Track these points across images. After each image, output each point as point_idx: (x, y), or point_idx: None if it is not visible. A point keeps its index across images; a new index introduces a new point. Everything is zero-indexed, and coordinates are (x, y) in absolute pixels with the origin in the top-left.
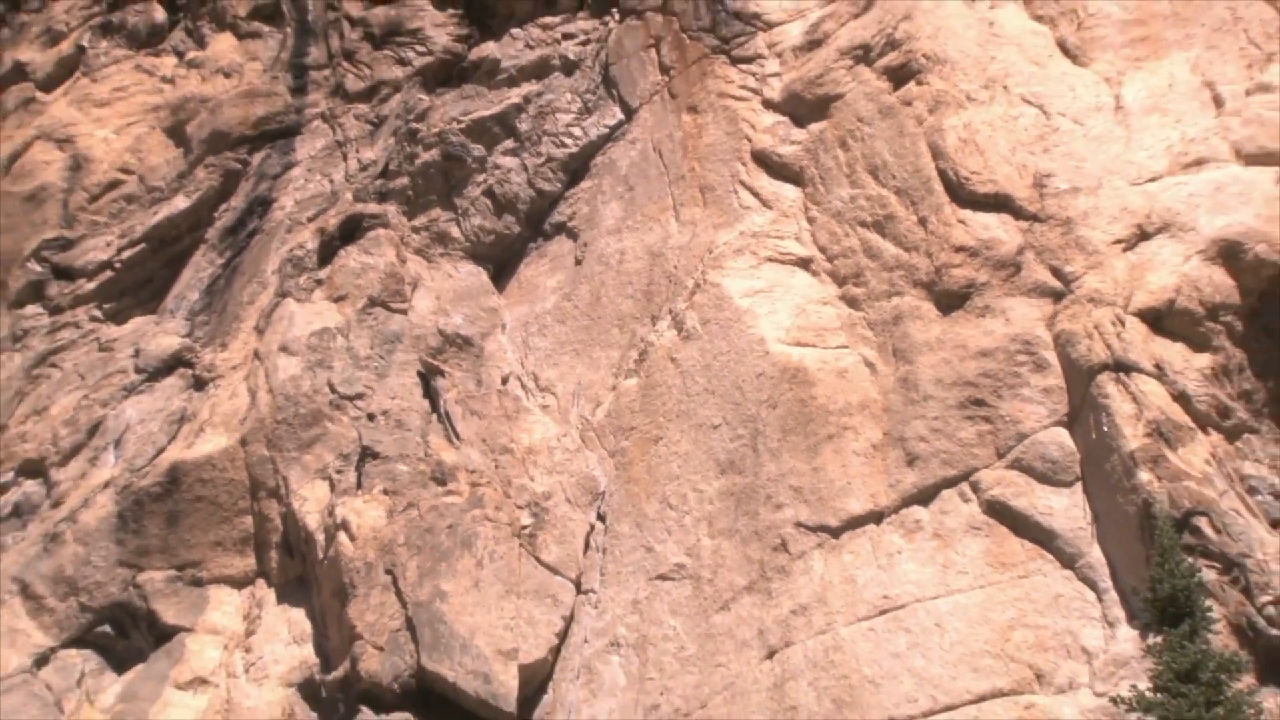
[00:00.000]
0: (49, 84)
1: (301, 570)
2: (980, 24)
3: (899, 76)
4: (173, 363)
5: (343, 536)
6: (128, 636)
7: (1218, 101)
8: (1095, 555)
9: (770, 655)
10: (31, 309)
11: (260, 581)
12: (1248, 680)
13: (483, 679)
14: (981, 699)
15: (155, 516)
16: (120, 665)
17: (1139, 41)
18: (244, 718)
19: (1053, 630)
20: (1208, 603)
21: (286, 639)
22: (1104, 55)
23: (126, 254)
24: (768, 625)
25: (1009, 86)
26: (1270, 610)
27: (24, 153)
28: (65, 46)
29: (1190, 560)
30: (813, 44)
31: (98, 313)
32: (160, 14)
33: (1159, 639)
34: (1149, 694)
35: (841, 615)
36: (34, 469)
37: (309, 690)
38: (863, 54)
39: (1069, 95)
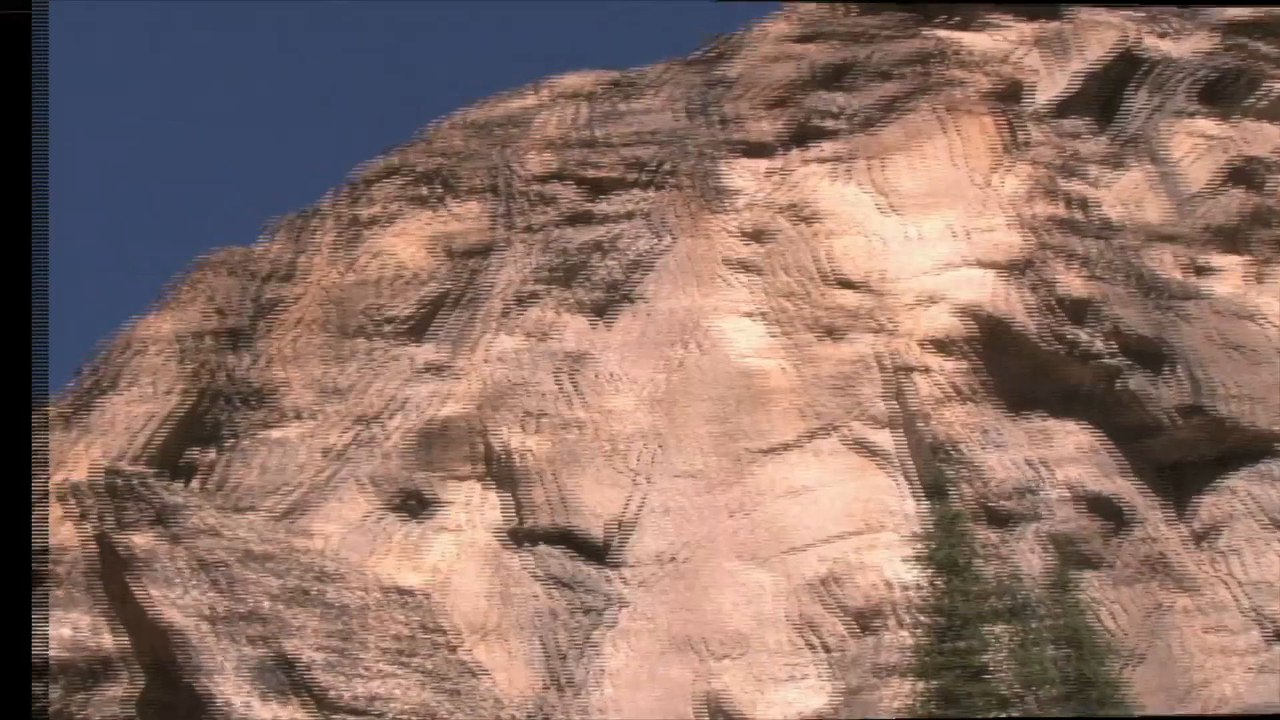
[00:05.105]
0: (370, 224)
1: (501, 472)
2: (844, 195)
3: (806, 219)
4: (436, 367)
5: (526, 456)
6: (417, 504)
7: (961, 237)
8: (904, 464)
9: (732, 515)
10: (360, 340)
11: (484, 478)
12: (974, 525)
13: (587, 526)
14: (844, 536)
15: (430, 445)
16: (412, 519)
17: (925, 206)
18: (474, 548)
19: (880, 501)
20: (953, 488)
21: (497, 506)
22: (907, 212)
23: (408, 310)
24: (736, 500)
25: (860, 226)
26: (989, 491)
27: (357, 260)
28: (376, 210)
29: (946, 467)
30: (761, 204)
31: (395, 341)
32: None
33: (929, 504)
34: (922, 530)
35: (772, 494)
36: (355, 423)
37: (507, 534)
38: (787, 208)
39: (890, 231)
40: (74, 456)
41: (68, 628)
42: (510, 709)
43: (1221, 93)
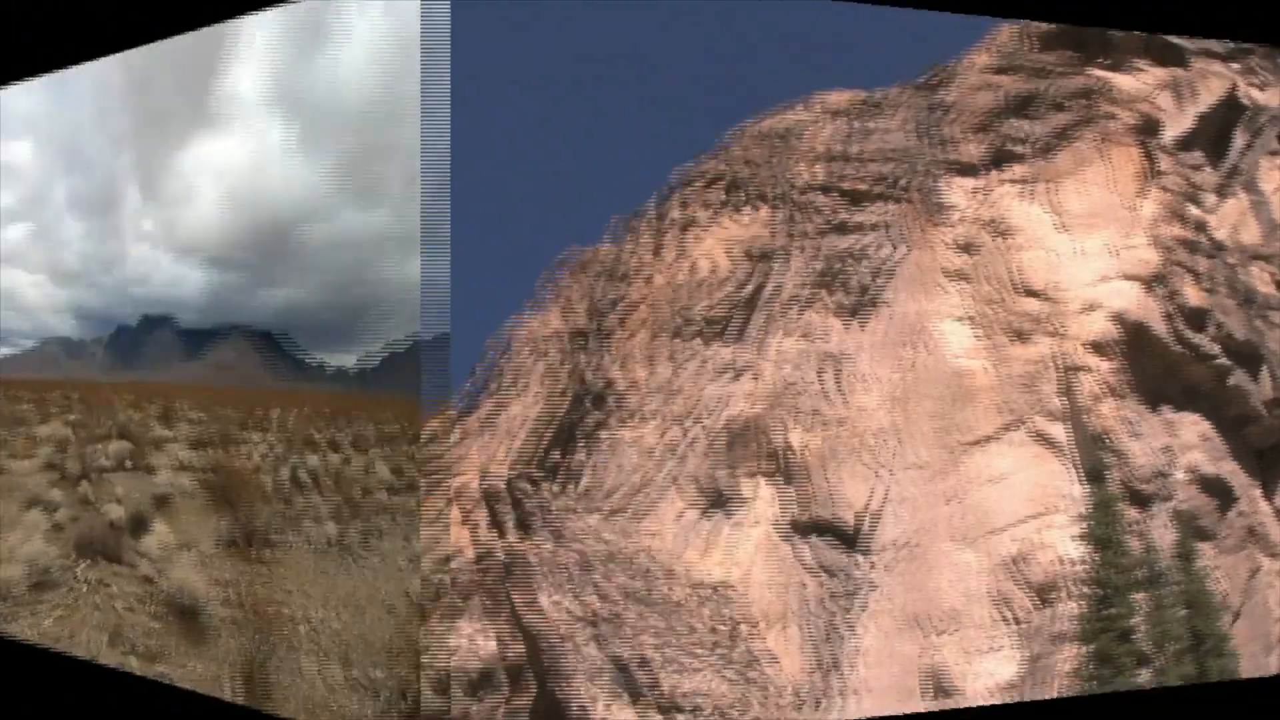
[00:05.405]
0: (688, 226)
1: (782, 468)
2: (1028, 214)
3: (1002, 234)
4: (735, 367)
5: (803, 453)
6: (722, 500)
7: (1114, 253)
8: (1072, 453)
9: (948, 502)
10: (677, 339)
11: (771, 474)
12: (1125, 504)
13: (845, 517)
14: (1029, 517)
15: (732, 443)
16: (719, 513)
17: (1088, 225)
18: (761, 538)
19: (1055, 487)
20: (1108, 473)
21: (777, 500)
22: (1075, 230)
23: (720, 311)
24: (951, 488)
25: (1041, 241)
26: (1133, 475)
27: (682, 262)
28: (692, 213)
29: (1103, 454)
30: (970, 219)
31: (709, 342)
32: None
33: (1090, 488)
34: (1085, 512)
35: (977, 482)
36: (675, 423)
37: (787, 526)
38: (988, 223)
39: (1063, 247)
40: (467, 463)
41: (465, 637)
42: (791, 694)
43: None
